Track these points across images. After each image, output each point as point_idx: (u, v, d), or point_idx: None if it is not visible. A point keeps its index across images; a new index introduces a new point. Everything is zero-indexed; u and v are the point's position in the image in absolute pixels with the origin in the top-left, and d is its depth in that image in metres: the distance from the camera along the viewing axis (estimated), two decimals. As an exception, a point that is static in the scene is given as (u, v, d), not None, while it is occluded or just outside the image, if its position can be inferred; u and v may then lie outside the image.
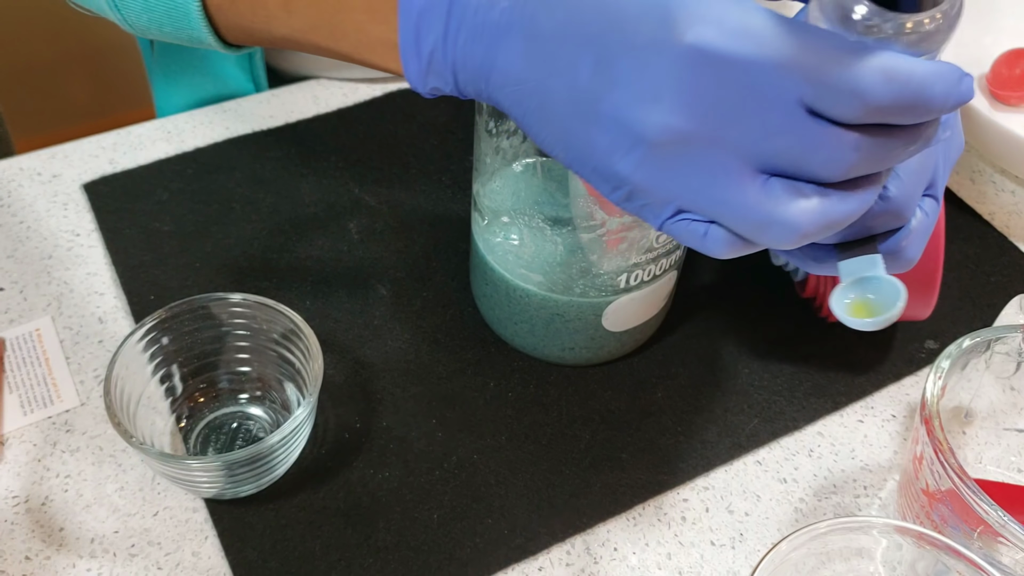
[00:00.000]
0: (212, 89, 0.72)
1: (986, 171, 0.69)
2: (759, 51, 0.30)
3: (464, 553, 0.48)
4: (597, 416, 0.53)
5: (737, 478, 0.52)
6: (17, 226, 0.61)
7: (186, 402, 0.51)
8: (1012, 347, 0.47)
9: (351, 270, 0.60)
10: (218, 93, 0.72)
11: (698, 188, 0.32)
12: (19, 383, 0.53)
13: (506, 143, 0.51)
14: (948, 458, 0.41)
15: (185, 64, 0.71)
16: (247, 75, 0.71)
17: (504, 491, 0.50)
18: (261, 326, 0.50)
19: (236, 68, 0.70)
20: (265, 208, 0.63)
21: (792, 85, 0.30)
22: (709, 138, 0.31)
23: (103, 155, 0.66)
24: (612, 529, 0.49)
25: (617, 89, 0.32)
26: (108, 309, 0.57)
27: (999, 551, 0.41)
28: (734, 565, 0.48)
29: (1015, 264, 0.63)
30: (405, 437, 0.52)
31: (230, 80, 0.71)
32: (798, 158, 0.31)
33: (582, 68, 0.32)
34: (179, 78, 0.72)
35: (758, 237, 0.33)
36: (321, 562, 0.47)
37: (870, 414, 0.55)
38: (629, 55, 0.31)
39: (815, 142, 0.31)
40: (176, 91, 0.73)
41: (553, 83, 0.33)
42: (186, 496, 0.49)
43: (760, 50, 0.30)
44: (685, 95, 0.31)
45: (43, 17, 1.56)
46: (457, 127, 0.69)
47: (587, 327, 0.52)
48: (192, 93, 0.72)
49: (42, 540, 0.47)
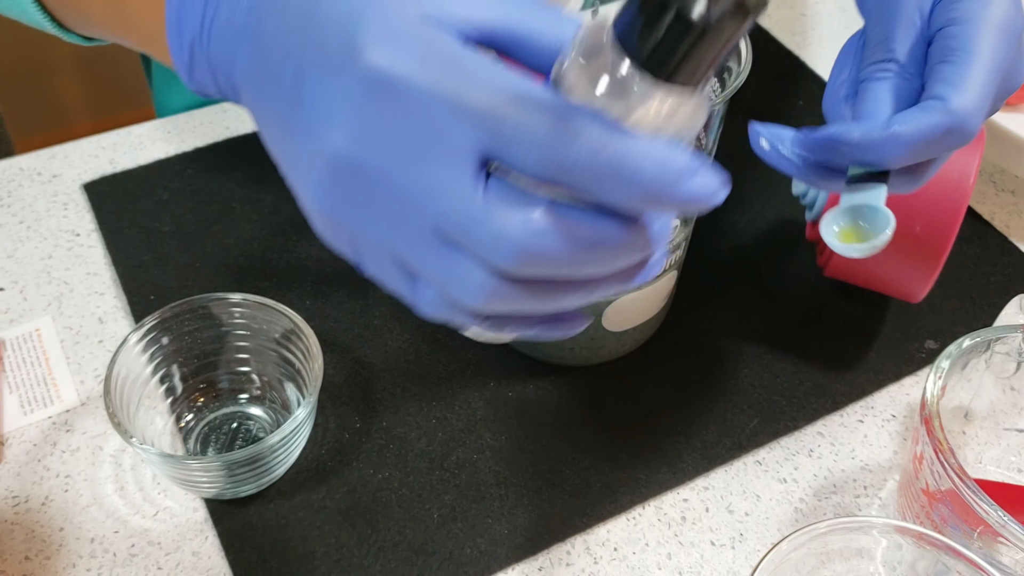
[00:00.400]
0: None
1: (986, 171, 0.69)
2: (437, 84, 0.27)
3: (464, 553, 0.48)
4: (597, 416, 0.53)
5: (737, 478, 0.52)
6: (17, 226, 0.61)
7: (186, 402, 0.51)
8: (1012, 347, 0.47)
9: (351, 270, 0.59)
10: None
11: (377, 231, 0.29)
12: (19, 383, 0.53)
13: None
14: (948, 458, 0.41)
15: None
16: None
17: (504, 491, 0.50)
18: (261, 326, 0.50)
19: None
20: (265, 208, 0.63)
21: (469, 129, 0.26)
22: (379, 174, 0.28)
23: (103, 155, 0.66)
24: (612, 529, 0.49)
25: (304, 106, 0.29)
26: (108, 309, 0.57)
27: (999, 551, 0.41)
28: (734, 565, 0.48)
29: (1015, 264, 0.63)
30: (405, 437, 0.52)
31: None
32: (465, 227, 0.27)
33: (284, 80, 0.30)
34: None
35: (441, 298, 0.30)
36: (321, 562, 0.47)
37: (870, 414, 0.55)
38: (316, 71, 0.29)
39: (484, 216, 0.27)
40: (175, 89, 0.73)
41: (268, 92, 0.31)
42: (186, 496, 0.49)
43: (439, 83, 0.27)
44: (355, 120, 0.28)
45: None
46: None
47: (587, 327, 0.52)
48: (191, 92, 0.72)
49: (42, 540, 0.47)
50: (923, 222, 0.50)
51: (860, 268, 0.54)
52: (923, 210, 0.50)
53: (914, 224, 0.50)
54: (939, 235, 0.51)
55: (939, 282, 0.61)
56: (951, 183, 0.50)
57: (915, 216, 0.50)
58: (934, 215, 0.50)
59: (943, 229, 0.51)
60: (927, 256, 0.52)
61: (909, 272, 0.53)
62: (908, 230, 0.50)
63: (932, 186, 0.49)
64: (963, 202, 0.50)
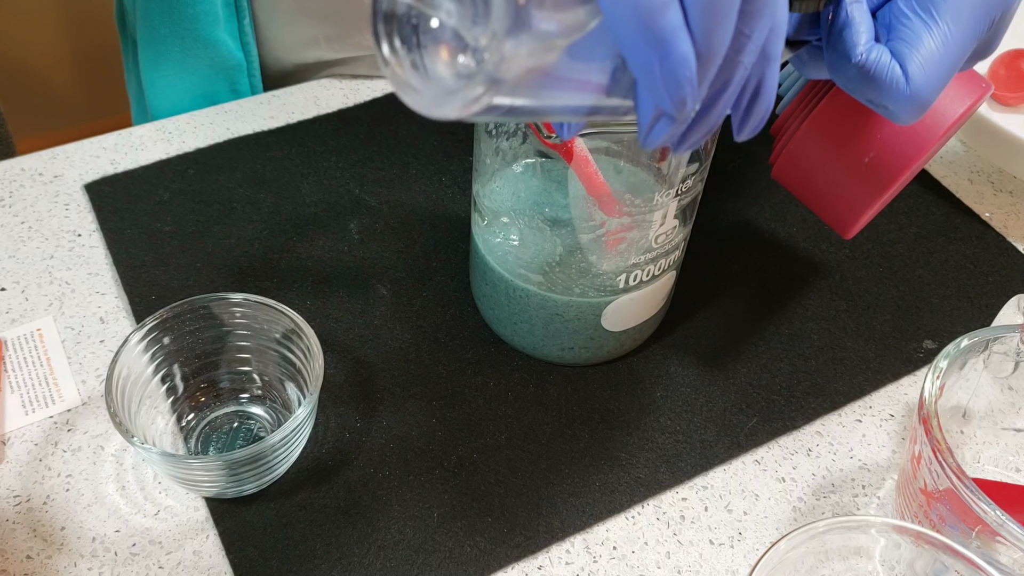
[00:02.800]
0: (203, 56, 0.71)
1: (984, 171, 0.70)
2: None
3: (464, 551, 0.48)
4: (596, 415, 0.54)
5: (736, 477, 0.52)
6: (19, 226, 0.62)
7: (187, 401, 0.51)
8: (1010, 347, 0.47)
9: (351, 270, 0.60)
10: (209, 62, 0.71)
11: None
12: (20, 383, 0.54)
13: (506, 144, 0.51)
14: (946, 458, 0.41)
15: (174, 28, 0.70)
16: (236, 42, 0.71)
17: (504, 490, 0.50)
18: (262, 326, 0.50)
19: (225, 34, 0.70)
20: (266, 208, 0.63)
21: None
22: None
23: (104, 156, 0.66)
24: (611, 528, 0.49)
25: None
26: (109, 309, 0.57)
27: (997, 550, 0.41)
28: (733, 564, 0.48)
29: (1013, 264, 0.63)
30: (405, 436, 0.52)
31: (220, 47, 0.70)
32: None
33: None
34: (167, 44, 0.71)
35: None
36: (322, 561, 0.47)
37: (868, 413, 0.55)
38: None
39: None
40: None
41: None
42: (187, 495, 0.50)
43: None
44: None
45: (44, 17, 1.56)
46: (457, 127, 0.69)
47: (586, 327, 0.52)
48: (182, 64, 0.71)
49: (43, 539, 0.48)
50: (874, 156, 0.48)
51: (803, 179, 0.52)
52: (880, 143, 0.48)
53: (866, 152, 0.48)
54: (885, 173, 0.48)
55: (938, 282, 0.62)
56: (921, 126, 0.47)
57: (869, 145, 0.48)
58: (887, 153, 0.48)
59: (891, 169, 0.48)
60: (867, 190, 0.49)
61: (846, 200, 0.51)
62: (858, 157, 0.48)
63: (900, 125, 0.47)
64: (922, 149, 0.48)
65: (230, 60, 0.71)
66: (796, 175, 0.51)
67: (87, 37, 1.61)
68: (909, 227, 0.65)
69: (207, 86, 0.72)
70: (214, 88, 0.73)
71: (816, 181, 0.51)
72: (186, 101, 0.73)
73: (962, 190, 0.68)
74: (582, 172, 0.46)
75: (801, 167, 0.51)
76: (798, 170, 0.51)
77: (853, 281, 0.61)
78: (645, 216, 0.47)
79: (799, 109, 0.49)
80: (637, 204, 0.48)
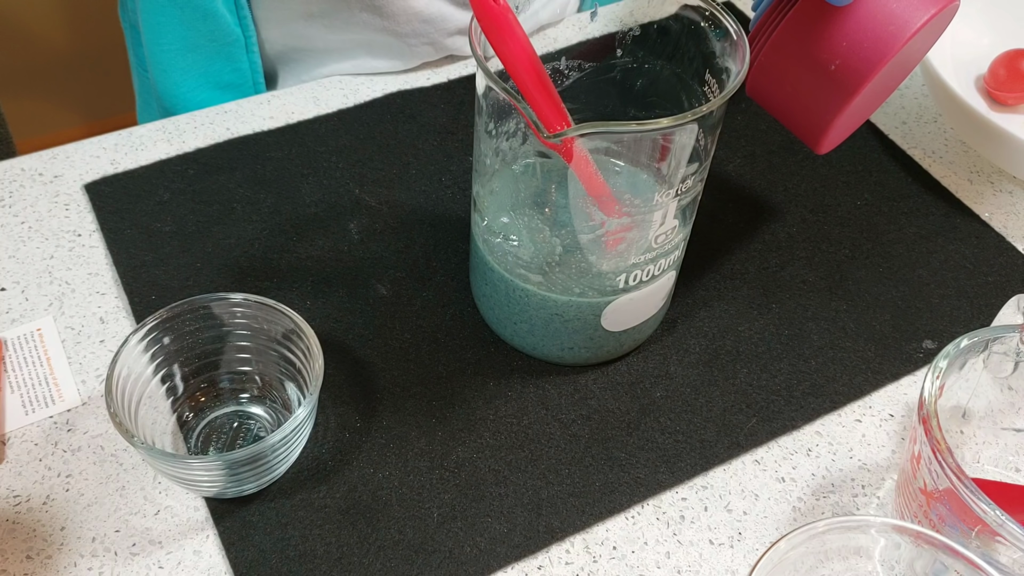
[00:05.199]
0: (203, 30, 0.72)
1: (984, 171, 0.70)
2: None
3: (464, 551, 0.48)
4: (596, 415, 0.54)
5: (735, 477, 0.52)
6: (19, 226, 0.62)
7: (187, 401, 0.51)
8: (1010, 347, 0.47)
9: (351, 270, 0.60)
10: (209, 36, 0.72)
11: None
12: (21, 383, 0.54)
13: (506, 144, 0.51)
14: (946, 457, 0.41)
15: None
16: (233, 16, 0.72)
17: (504, 490, 0.50)
18: (262, 326, 0.50)
19: (222, 7, 0.71)
20: (266, 208, 0.63)
21: None
22: None
23: (104, 156, 0.66)
24: (611, 528, 0.49)
25: None
26: (109, 309, 0.57)
27: (997, 550, 0.41)
28: (732, 564, 0.48)
29: (1013, 264, 0.63)
30: (405, 436, 0.52)
31: (219, 19, 0.71)
32: None
33: None
34: (167, 14, 0.72)
35: None
36: (321, 561, 0.47)
37: (868, 413, 0.55)
38: None
39: None
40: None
41: None
42: (187, 495, 0.50)
43: None
44: None
45: (45, 17, 1.56)
46: (457, 127, 0.69)
47: (586, 327, 0.52)
48: (183, 39, 0.72)
49: (43, 539, 0.48)
50: (840, 63, 0.48)
51: (774, 89, 0.52)
52: (846, 50, 0.48)
53: (832, 59, 0.48)
54: (852, 78, 0.48)
55: (938, 282, 0.62)
56: (885, 33, 0.47)
57: (836, 52, 0.48)
58: (853, 59, 0.48)
59: (856, 74, 0.48)
60: (834, 97, 0.49)
61: (815, 110, 0.50)
62: (825, 64, 0.48)
63: (864, 30, 0.47)
64: (887, 54, 0.48)
65: (229, 35, 0.72)
66: (767, 86, 0.52)
67: (87, 37, 1.61)
68: (909, 227, 0.65)
69: (208, 64, 0.73)
70: (215, 67, 0.74)
71: (786, 91, 0.51)
72: (189, 81, 0.74)
73: (962, 190, 0.68)
74: (582, 172, 0.46)
75: (772, 77, 0.51)
76: (769, 80, 0.51)
77: (853, 281, 0.61)
78: (645, 216, 0.47)
79: (771, 19, 0.50)
80: (637, 204, 0.48)
